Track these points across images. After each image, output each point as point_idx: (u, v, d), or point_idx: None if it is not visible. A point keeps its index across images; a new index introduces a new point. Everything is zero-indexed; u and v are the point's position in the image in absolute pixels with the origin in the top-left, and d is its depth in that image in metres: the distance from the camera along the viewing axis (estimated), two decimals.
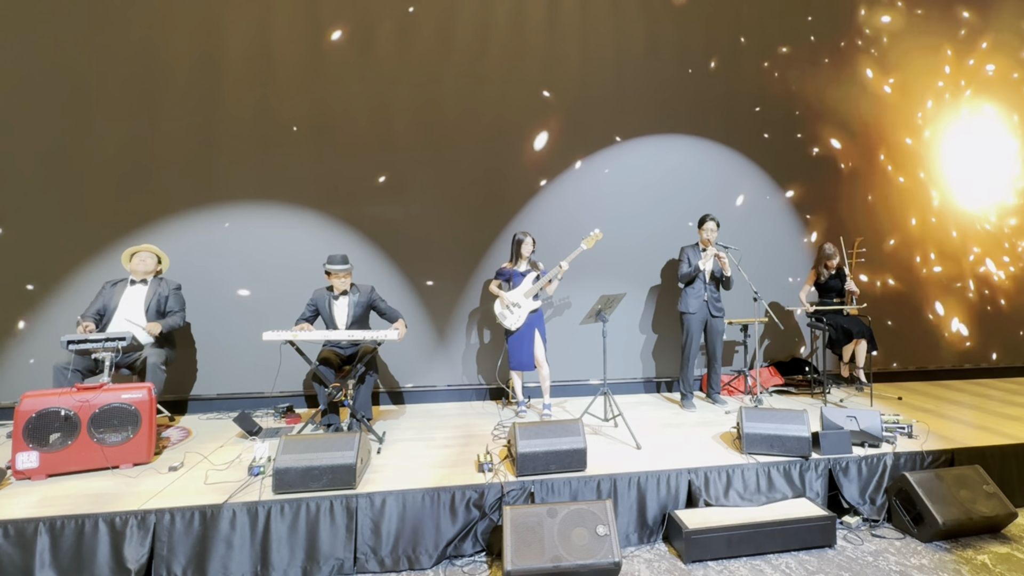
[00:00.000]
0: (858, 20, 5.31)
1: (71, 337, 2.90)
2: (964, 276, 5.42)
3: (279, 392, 4.13)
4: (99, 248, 4.01)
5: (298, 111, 4.30)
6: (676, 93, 4.89)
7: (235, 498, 2.41)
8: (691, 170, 4.90)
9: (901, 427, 3.30)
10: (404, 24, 4.47)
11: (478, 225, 4.53)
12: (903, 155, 5.36)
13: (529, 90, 4.63)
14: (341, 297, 3.59)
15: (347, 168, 4.36)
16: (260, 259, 4.22)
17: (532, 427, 2.80)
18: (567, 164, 4.69)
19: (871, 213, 5.25)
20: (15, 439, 2.63)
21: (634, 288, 4.74)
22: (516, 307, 3.81)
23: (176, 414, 3.99)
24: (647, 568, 2.43)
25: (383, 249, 4.39)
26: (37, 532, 2.20)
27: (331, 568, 2.36)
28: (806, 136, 5.15)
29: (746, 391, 4.53)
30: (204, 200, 4.17)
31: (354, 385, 3.32)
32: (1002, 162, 5.61)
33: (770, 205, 5.05)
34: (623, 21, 4.81)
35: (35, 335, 3.89)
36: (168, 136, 4.13)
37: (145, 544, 2.26)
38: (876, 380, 5.02)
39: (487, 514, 2.53)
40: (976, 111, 5.57)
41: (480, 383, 4.50)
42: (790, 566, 2.44)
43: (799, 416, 2.99)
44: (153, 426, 2.91)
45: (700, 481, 2.77)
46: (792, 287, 4.97)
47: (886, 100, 5.34)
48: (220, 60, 4.21)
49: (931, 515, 2.61)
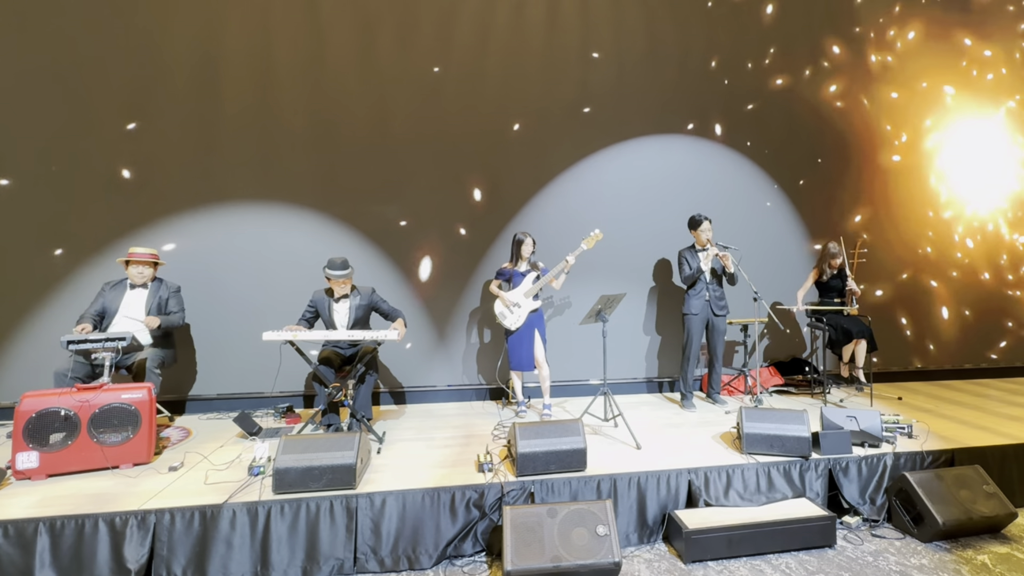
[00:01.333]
0: (859, 17, 5.31)
1: (71, 337, 2.90)
2: (965, 276, 5.42)
3: (279, 392, 4.13)
4: (99, 248, 4.00)
5: (298, 111, 4.30)
6: (676, 93, 4.89)
7: (235, 498, 2.41)
8: (691, 170, 4.90)
9: (901, 427, 3.30)
10: (404, 23, 4.47)
11: (478, 225, 4.53)
12: (907, 156, 5.35)
13: (529, 90, 4.63)
14: (341, 300, 3.57)
15: (347, 168, 4.35)
16: (260, 259, 4.22)
17: (532, 427, 2.80)
18: (567, 164, 4.69)
19: (872, 213, 5.25)
20: (15, 439, 2.63)
21: (634, 288, 4.74)
22: (516, 307, 3.81)
23: (176, 414, 3.99)
24: (647, 568, 2.43)
25: (383, 249, 4.40)
26: (37, 532, 2.20)
27: (331, 568, 2.36)
28: (806, 136, 5.15)
29: (746, 391, 4.53)
30: (204, 200, 4.17)
31: (354, 385, 3.32)
32: (1007, 164, 5.60)
33: (770, 205, 5.05)
34: (623, 21, 4.81)
35: (35, 335, 3.89)
36: (168, 135, 4.13)
37: (145, 544, 2.27)
38: (876, 380, 5.02)
39: (487, 514, 2.53)
40: (983, 113, 5.55)
41: (480, 383, 4.50)
42: (790, 566, 2.44)
43: (799, 416, 2.99)
44: (153, 426, 2.92)
45: (700, 481, 2.77)
46: (792, 287, 4.97)
47: (891, 100, 5.33)
48: (220, 60, 4.21)
49: (931, 515, 2.61)
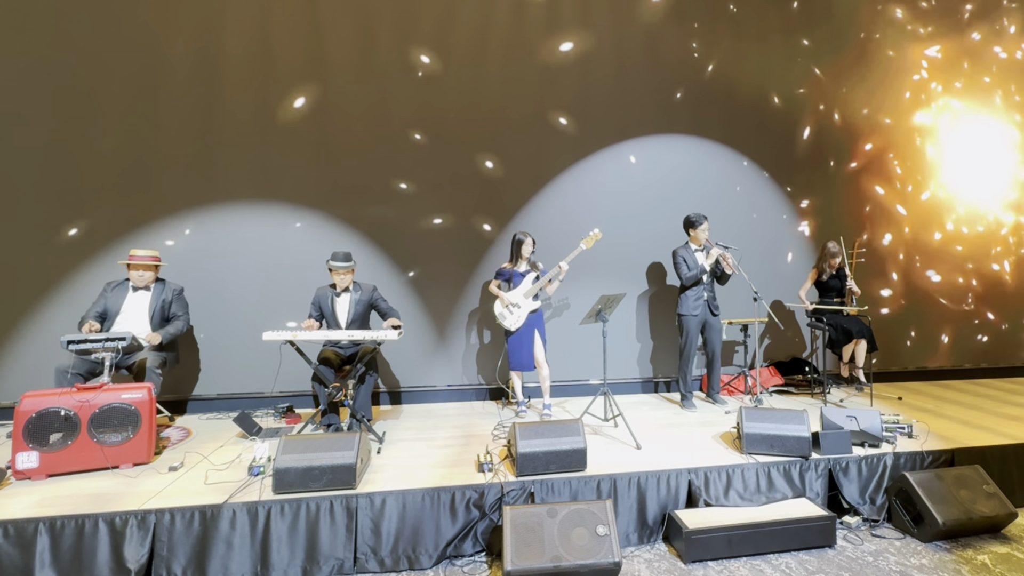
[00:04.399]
0: (861, 18, 5.31)
1: (71, 337, 2.90)
2: (965, 276, 5.42)
3: (279, 392, 4.13)
4: (99, 248, 4.00)
5: (299, 111, 4.30)
6: (676, 93, 4.89)
7: (235, 498, 2.41)
8: (691, 170, 4.89)
9: (901, 427, 3.30)
10: (404, 23, 4.47)
11: (478, 225, 4.53)
12: (907, 155, 5.35)
13: (529, 90, 4.63)
14: (343, 294, 3.62)
15: (347, 168, 4.35)
16: (260, 259, 4.22)
17: (532, 427, 2.80)
18: (567, 164, 4.69)
19: (872, 213, 5.25)
20: (15, 439, 2.63)
21: (634, 288, 4.74)
22: (516, 307, 3.81)
23: (176, 414, 3.99)
24: (647, 568, 2.43)
25: (383, 249, 4.39)
26: (37, 532, 2.20)
27: (331, 568, 2.36)
28: (806, 135, 5.15)
29: (746, 391, 4.53)
30: (204, 199, 4.17)
31: (354, 385, 3.32)
32: (1006, 163, 5.60)
33: (770, 205, 5.04)
34: (623, 20, 4.81)
35: (35, 335, 3.89)
36: (168, 135, 4.13)
37: (145, 544, 2.26)
38: (876, 380, 5.02)
39: (487, 514, 2.53)
40: (985, 111, 5.55)
41: (480, 383, 4.50)
42: (790, 566, 2.44)
43: (799, 416, 2.99)
44: (153, 426, 2.91)
45: (700, 481, 2.77)
46: (791, 287, 4.97)
47: (891, 100, 5.33)
48: (220, 59, 4.21)
49: (931, 515, 2.61)
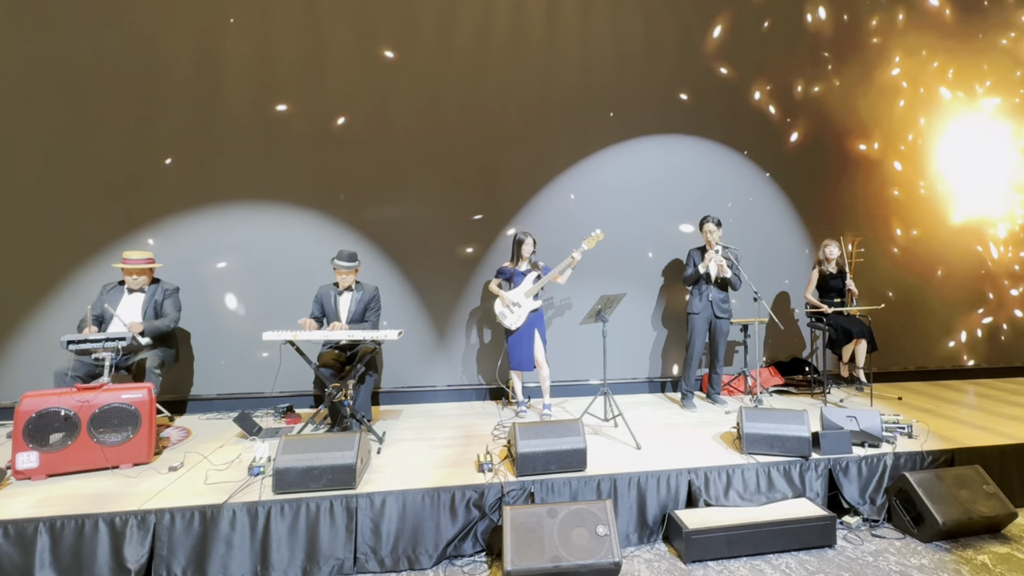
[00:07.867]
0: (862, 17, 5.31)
1: (71, 337, 2.90)
2: (966, 276, 5.42)
3: (279, 392, 4.13)
4: (99, 248, 4.00)
5: (299, 111, 4.30)
6: (676, 93, 4.89)
7: (235, 498, 2.42)
8: (691, 169, 4.89)
9: (901, 427, 3.30)
10: (404, 23, 4.46)
11: (478, 225, 4.53)
12: (907, 155, 5.35)
13: (529, 90, 4.63)
14: (345, 292, 3.65)
15: (347, 168, 4.35)
16: (260, 259, 4.21)
17: (532, 427, 2.80)
18: (567, 164, 4.69)
19: (872, 213, 5.24)
20: (15, 439, 2.63)
21: (634, 288, 4.74)
22: (516, 307, 3.81)
23: (176, 414, 3.99)
24: (647, 568, 2.43)
25: (383, 249, 4.39)
26: (37, 532, 2.20)
27: (331, 568, 2.36)
28: (807, 135, 5.14)
29: (746, 391, 4.53)
30: (204, 200, 4.16)
31: (354, 385, 3.32)
32: (1005, 164, 5.60)
33: (770, 205, 5.04)
34: (623, 20, 4.80)
35: (35, 335, 3.89)
36: (168, 136, 4.13)
37: (145, 544, 2.27)
38: (876, 380, 5.02)
39: (487, 514, 2.53)
40: (984, 112, 5.55)
41: (480, 383, 4.50)
42: (790, 566, 2.44)
43: (799, 416, 2.99)
44: (153, 426, 2.91)
45: (700, 481, 2.77)
46: (791, 287, 4.96)
47: (892, 100, 5.32)
48: (220, 60, 4.21)
49: (931, 515, 2.61)
